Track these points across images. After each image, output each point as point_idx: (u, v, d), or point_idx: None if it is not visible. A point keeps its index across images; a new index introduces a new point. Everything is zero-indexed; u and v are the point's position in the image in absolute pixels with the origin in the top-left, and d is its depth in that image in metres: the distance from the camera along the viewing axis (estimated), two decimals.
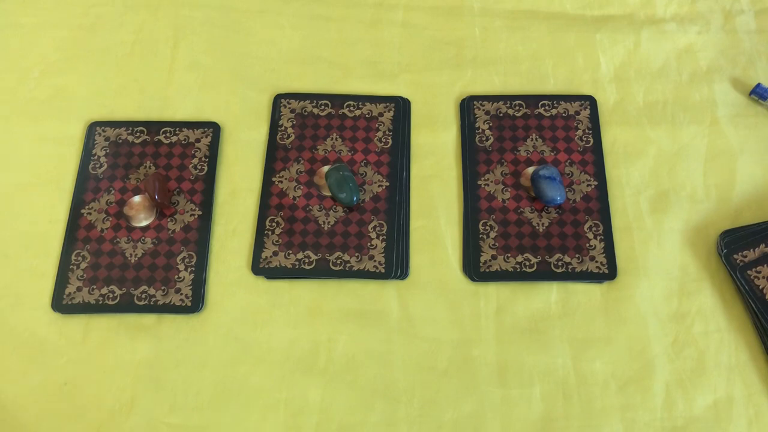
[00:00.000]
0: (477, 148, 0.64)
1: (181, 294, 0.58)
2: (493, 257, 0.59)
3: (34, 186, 0.63)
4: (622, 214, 0.61)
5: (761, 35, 0.70)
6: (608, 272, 0.59)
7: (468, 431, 0.54)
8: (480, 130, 0.65)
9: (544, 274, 0.59)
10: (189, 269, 0.59)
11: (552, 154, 0.64)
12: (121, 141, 0.65)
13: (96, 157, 0.64)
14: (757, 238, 0.58)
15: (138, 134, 0.65)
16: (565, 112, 0.65)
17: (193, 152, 0.64)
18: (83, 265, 0.59)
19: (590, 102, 0.66)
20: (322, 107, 0.66)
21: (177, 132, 0.65)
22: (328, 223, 0.61)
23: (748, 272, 0.57)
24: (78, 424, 0.55)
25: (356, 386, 0.56)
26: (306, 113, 0.66)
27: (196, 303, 0.58)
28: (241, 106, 0.67)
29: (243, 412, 0.55)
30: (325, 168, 0.63)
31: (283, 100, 0.66)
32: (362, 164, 0.63)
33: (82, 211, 0.62)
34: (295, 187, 0.62)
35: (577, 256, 0.59)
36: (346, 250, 0.60)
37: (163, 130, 0.65)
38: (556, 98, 0.66)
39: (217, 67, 0.69)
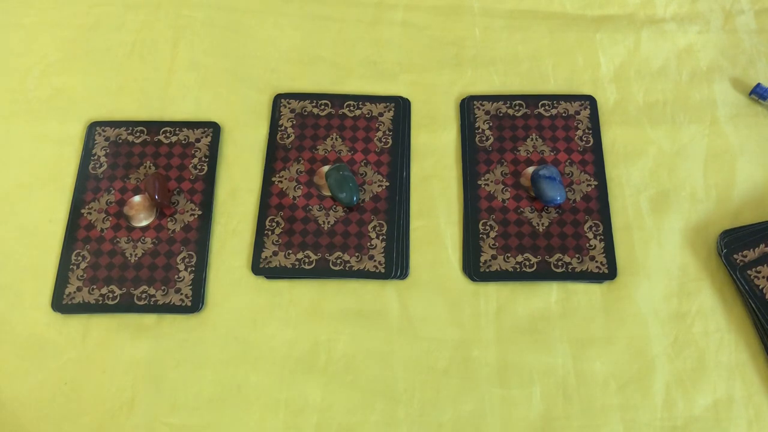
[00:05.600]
0: (477, 148, 0.64)
1: (181, 294, 0.58)
2: (493, 257, 0.59)
3: (34, 186, 0.63)
4: (622, 214, 0.61)
5: (761, 35, 0.70)
6: (608, 272, 0.59)
7: (468, 431, 0.54)
8: (480, 130, 0.65)
9: (544, 274, 0.59)
10: (189, 269, 0.59)
11: (552, 154, 0.64)
12: (121, 141, 0.65)
13: (96, 157, 0.64)
14: (757, 238, 0.58)
15: (138, 134, 0.65)
16: (565, 112, 0.65)
17: (193, 152, 0.64)
18: (83, 265, 0.59)
19: (590, 102, 0.66)
20: (322, 107, 0.66)
21: (177, 132, 0.65)
22: (328, 223, 0.61)
23: (748, 272, 0.57)
24: (78, 424, 0.55)
25: (356, 386, 0.56)
26: (306, 113, 0.66)
27: (196, 303, 0.58)
28: (241, 106, 0.67)
29: (243, 412, 0.55)
30: (325, 168, 0.63)
31: (283, 100, 0.66)
32: (362, 164, 0.63)
33: (82, 211, 0.62)
34: (295, 187, 0.62)
35: (577, 256, 0.59)
36: (346, 250, 0.60)
37: (163, 130, 0.65)
38: (556, 98, 0.66)
39: (217, 67, 0.69)
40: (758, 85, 0.65)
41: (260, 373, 0.56)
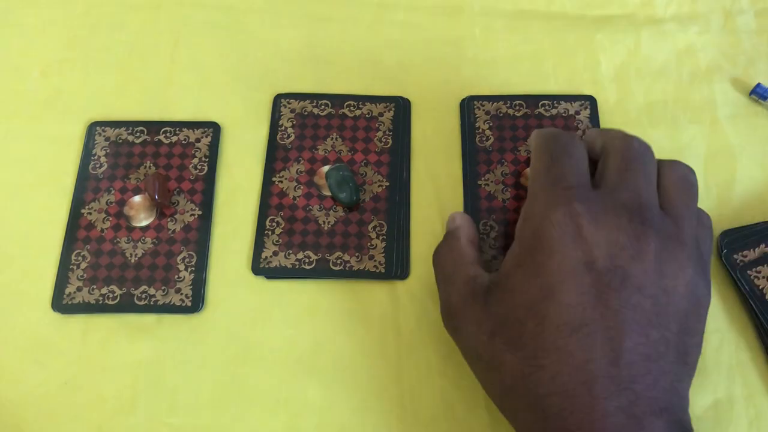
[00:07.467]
0: (477, 148, 0.64)
1: (181, 294, 0.58)
2: (494, 257, 0.59)
3: (34, 186, 0.63)
4: None
5: (761, 35, 0.69)
6: None
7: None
8: (480, 130, 0.65)
9: None
10: (189, 269, 0.59)
11: None
12: (121, 141, 0.65)
13: (96, 157, 0.64)
14: (757, 238, 0.58)
15: (138, 134, 0.65)
16: (565, 112, 0.65)
17: (193, 152, 0.64)
18: (83, 265, 0.59)
19: (590, 102, 0.66)
20: (322, 107, 0.66)
21: (177, 132, 0.65)
22: (328, 223, 0.61)
23: (748, 272, 0.57)
24: (78, 424, 0.55)
25: (356, 386, 0.56)
26: (306, 113, 0.66)
27: (196, 303, 0.58)
28: (241, 106, 0.67)
29: (243, 412, 0.55)
30: (325, 168, 0.63)
31: (283, 100, 0.66)
32: (362, 164, 0.63)
33: (82, 211, 0.62)
34: (295, 187, 0.62)
35: None
36: (346, 250, 0.60)
37: (163, 130, 0.65)
38: (556, 98, 0.66)
39: (217, 67, 0.69)
40: (758, 85, 0.65)
41: (260, 373, 0.56)
